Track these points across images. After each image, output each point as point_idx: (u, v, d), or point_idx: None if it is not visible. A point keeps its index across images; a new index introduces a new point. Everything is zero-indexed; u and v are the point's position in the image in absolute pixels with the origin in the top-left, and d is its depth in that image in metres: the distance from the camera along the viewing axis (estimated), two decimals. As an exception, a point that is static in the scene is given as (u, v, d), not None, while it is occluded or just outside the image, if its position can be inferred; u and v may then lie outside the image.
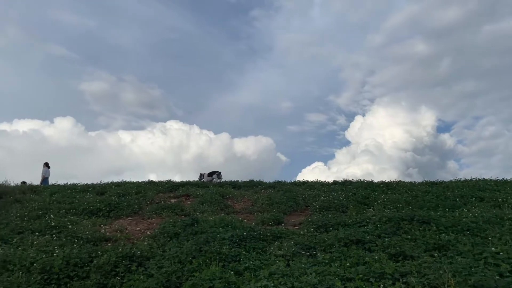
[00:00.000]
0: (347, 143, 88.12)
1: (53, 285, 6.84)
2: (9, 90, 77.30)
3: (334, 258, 7.19)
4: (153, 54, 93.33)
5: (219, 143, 75.17)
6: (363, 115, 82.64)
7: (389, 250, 7.52)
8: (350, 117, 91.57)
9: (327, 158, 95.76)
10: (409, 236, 8.32)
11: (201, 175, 18.26)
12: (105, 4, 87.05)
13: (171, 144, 70.82)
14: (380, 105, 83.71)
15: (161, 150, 69.77)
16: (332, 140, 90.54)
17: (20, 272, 6.96)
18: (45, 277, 6.96)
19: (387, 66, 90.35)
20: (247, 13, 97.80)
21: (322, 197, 13.14)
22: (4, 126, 62.45)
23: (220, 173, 18.27)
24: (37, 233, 9.53)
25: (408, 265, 6.39)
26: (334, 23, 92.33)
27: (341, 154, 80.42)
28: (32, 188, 16.06)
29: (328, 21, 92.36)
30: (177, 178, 18.13)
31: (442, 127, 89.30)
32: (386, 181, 16.23)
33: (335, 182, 16.90)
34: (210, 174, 18.21)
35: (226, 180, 18.15)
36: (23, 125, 62.25)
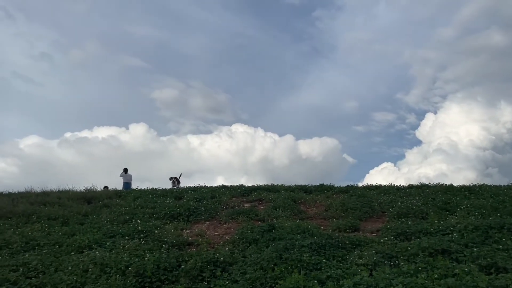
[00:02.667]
0: (418, 142, 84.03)
1: (147, 287, 7.37)
2: (89, 100, 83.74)
3: (419, 268, 6.97)
4: (219, 60, 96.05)
5: (284, 145, 75.35)
6: (435, 113, 78.09)
7: (479, 261, 7.15)
8: (421, 115, 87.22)
9: (396, 159, 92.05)
10: (500, 246, 7.83)
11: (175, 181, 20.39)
12: (173, 14, 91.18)
13: (237, 147, 72.31)
14: (453, 101, 78.60)
15: (228, 153, 71.49)
16: (401, 140, 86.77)
17: (117, 275, 7.56)
18: (139, 280, 7.50)
19: (460, 60, 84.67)
20: (309, 14, 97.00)
21: (399, 203, 12.74)
22: (86, 133, 67.64)
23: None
24: (127, 237, 10.26)
25: (503, 279, 6.03)
26: (400, 19, 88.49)
27: (411, 154, 76.75)
28: (117, 193, 17.31)
29: (393, 17, 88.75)
30: (244, 180, 18.96)
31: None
32: (468, 184, 15.35)
33: (410, 186, 16.31)
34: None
35: (296, 183, 18.22)
36: (102, 132, 67.02)
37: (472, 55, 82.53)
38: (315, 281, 6.53)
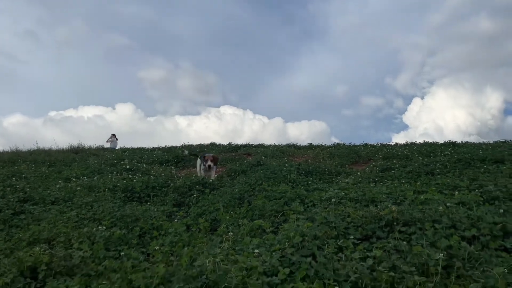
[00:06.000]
0: (405, 127, 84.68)
1: (135, 201, 7.41)
2: (75, 78, 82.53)
3: (403, 182, 7.16)
4: (209, 41, 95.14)
5: (272, 128, 75.41)
6: (422, 98, 78.89)
7: (462, 177, 7.35)
8: (408, 100, 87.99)
9: (384, 142, 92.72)
10: (481, 170, 8.06)
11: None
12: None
13: (226, 128, 72.18)
14: (440, 86, 79.53)
15: (216, 134, 71.47)
16: (389, 124, 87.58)
17: (106, 190, 7.60)
18: (128, 195, 7.55)
19: (448, 46, 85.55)
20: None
21: (385, 150, 12.97)
22: (71, 112, 66.56)
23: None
24: (114, 173, 10.27)
25: (485, 180, 6.24)
26: (392, 4, 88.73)
27: (398, 138, 77.36)
28: (104, 150, 17.27)
29: (385, 2, 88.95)
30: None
31: (510, 110, 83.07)
32: (453, 140, 15.64)
33: (396, 144, 16.55)
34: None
35: (285, 143, 18.33)
36: (88, 111, 66.13)
37: (461, 41, 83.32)
38: (302, 188, 6.65)
